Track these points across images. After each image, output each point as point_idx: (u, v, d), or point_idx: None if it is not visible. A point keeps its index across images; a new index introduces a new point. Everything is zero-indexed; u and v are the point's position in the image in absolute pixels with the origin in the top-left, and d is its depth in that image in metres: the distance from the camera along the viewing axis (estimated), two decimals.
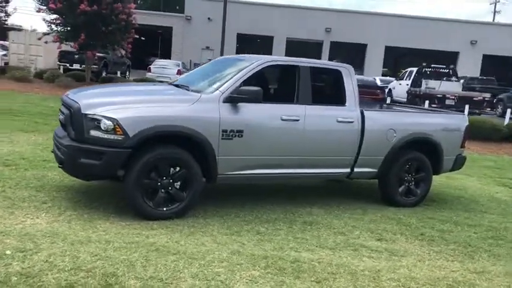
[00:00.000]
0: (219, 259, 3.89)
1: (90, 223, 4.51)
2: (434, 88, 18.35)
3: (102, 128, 4.54)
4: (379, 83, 24.71)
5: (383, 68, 40.61)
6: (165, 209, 4.83)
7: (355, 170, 5.98)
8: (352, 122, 5.75)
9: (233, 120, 5.04)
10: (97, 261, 3.62)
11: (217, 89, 5.10)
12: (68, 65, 22.72)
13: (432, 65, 19.87)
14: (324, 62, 5.94)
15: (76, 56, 21.83)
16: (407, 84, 18.56)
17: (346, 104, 5.82)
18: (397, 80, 21.15)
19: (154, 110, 4.71)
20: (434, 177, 6.77)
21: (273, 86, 6.58)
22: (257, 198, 5.90)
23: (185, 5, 38.14)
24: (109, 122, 4.52)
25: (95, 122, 4.55)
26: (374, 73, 34.83)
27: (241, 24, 36.90)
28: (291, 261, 4.01)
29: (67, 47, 20.00)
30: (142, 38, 37.78)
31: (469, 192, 7.70)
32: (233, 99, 5.04)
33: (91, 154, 4.57)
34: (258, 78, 5.60)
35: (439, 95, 17.49)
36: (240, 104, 5.09)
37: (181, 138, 4.85)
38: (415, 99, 17.14)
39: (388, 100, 19.36)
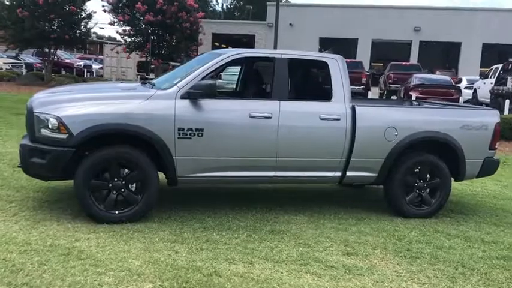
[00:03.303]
0: (122, 268, 3.53)
1: (36, 224, 4.41)
2: None
3: (49, 127, 4.44)
4: (465, 83, 22.54)
5: (481, 67, 37.17)
6: (116, 212, 4.59)
7: (348, 173, 5.26)
8: (338, 119, 5.06)
9: (191, 118, 4.67)
10: None
11: (175, 85, 4.77)
12: (145, 74, 23.88)
13: None
14: (308, 53, 5.32)
15: (152, 66, 22.85)
16: (491, 83, 16.61)
17: (332, 99, 5.14)
18: (481, 78, 19.03)
19: (100, 108, 4.50)
20: (461, 184, 5.76)
21: (244, 80, 6.08)
22: (234, 202, 5.43)
23: (267, 12, 38.36)
24: (54, 121, 4.41)
25: (45, 121, 4.46)
26: (470, 73, 31.95)
27: (323, 28, 36.16)
28: (206, 274, 3.52)
29: (144, 58, 20.93)
30: (223, 46, 38.66)
31: (502, 202, 6.47)
32: (191, 95, 4.67)
33: (38, 153, 4.49)
34: (225, 72, 5.17)
35: None
36: (201, 101, 4.70)
37: (133, 138, 4.59)
38: (497, 100, 15.24)
39: (461, 100, 17.45)
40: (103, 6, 18.84)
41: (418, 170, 5.43)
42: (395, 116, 5.34)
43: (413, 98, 14.96)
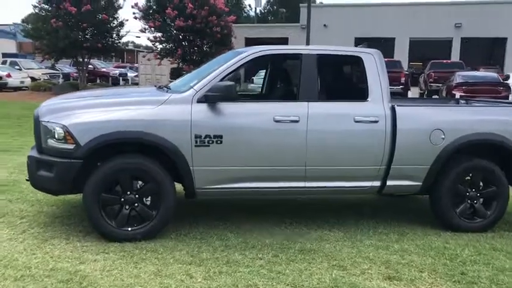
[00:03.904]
0: None
1: (43, 243, 4.04)
2: None
3: (56, 137, 4.07)
4: None
5: None
6: (129, 229, 4.16)
7: (389, 183, 4.64)
8: (376, 121, 4.46)
9: (209, 123, 4.20)
10: None
11: (192, 88, 4.31)
12: None
13: None
14: (340, 48, 4.74)
15: (184, 73, 22.68)
16: None
17: (368, 99, 4.55)
18: None
19: (110, 115, 4.09)
20: None
21: (268, 81, 5.55)
22: (260, 216, 4.91)
23: (300, 14, 37.77)
24: (60, 130, 4.03)
25: (51, 130, 4.09)
26: None
27: (358, 28, 35.20)
28: None
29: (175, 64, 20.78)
30: None
31: None
32: (208, 99, 4.20)
33: (45, 166, 4.14)
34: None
35: None
36: (220, 105, 4.23)
37: (145, 147, 4.16)
38: None
39: (510, 98, 16.23)
40: (134, 13, 18.82)
41: (469, 177, 4.76)
42: (442, 116, 4.68)
43: (457, 97, 14.04)
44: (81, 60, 20.38)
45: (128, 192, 4.15)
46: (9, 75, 22.99)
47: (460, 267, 3.85)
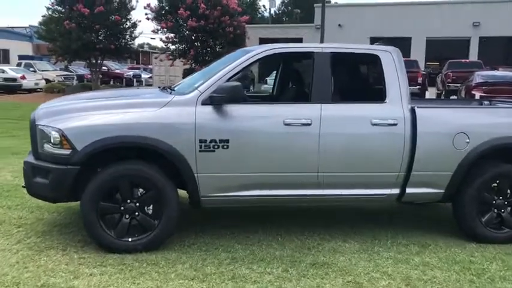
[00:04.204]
0: None
1: (38, 254, 3.81)
2: None
3: (52, 141, 3.83)
4: None
5: None
6: (130, 239, 3.90)
7: (409, 190, 4.31)
8: (395, 124, 4.14)
9: (215, 127, 3.92)
10: None
11: (196, 89, 4.03)
12: None
13: None
14: (355, 46, 4.42)
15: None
16: None
17: (386, 100, 4.22)
18: None
19: (108, 118, 3.84)
20: None
21: (279, 81, 5.24)
22: (270, 226, 4.60)
23: (314, 14, 37.40)
24: (55, 134, 3.79)
25: (47, 134, 3.86)
26: None
27: (374, 27, 34.66)
28: None
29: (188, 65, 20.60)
30: None
31: None
32: (213, 100, 3.92)
33: (41, 172, 3.90)
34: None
35: None
36: (226, 107, 3.95)
37: (146, 152, 3.90)
38: None
39: None
40: (146, 14, 18.68)
41: (496, 184, 4.40)
42: (466, 119, 4.34)
43: (477, 97, 13.55)
44: (94, 61, 20.30)
45: (128, 201, 3.89)
46: (23, 77, 23.09)
47: (489, 284, 3.51)
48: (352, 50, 4.41)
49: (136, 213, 3.90)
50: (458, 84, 18.86)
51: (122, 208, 3.88)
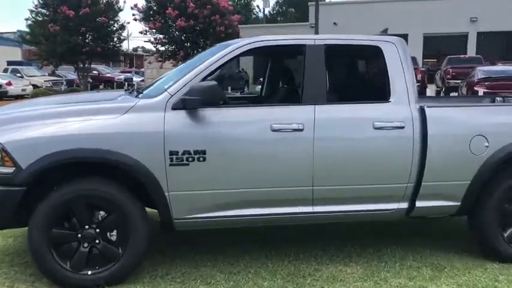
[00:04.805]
0: None
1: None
2: None
3: None
4: None
5: None
6: (89, 272, 3.26)
7: (419, 204, 3.68)
8: (401, 127, 3.51)
9: (188, 135, 3.29)
10: None
11: (166, 91, 3.40)
12: None
13: None
14: (353, 37, 3.80)
15: None
16: None
17: (390, 99, 3.60)
18: None
19: (59, 128, 3.19)
20: None
21: (266, 80, 4.61)
22: (257, 246, 3.96)
23: (309, 13, 36.85)
24: None
25: None
26: None
27: (369, 25, 33.94)
28: None
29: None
30: None
31: None
32: (186, 104, 3.29)
33: None
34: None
35: None
36: (202, 111, 3.32)
37: (106, 167, 3.26)
38: None
39: None
40: (133, 15, 18.03)
41: None
42: (484, 119, 3.71)
43: (480, 93, 12.94)
44: (82, 65, 19.63)
45: (87, 226, 3.25)
46: (9, 83, 22.35)
47: None
48: (350, 41, 3.77)
49: (97, 241, 3.27)
50: (459, 81, 18.27)
51: (79, 235, 3.25)
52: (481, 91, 13.10)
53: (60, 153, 3.11)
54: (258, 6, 66.45)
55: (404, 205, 3.68)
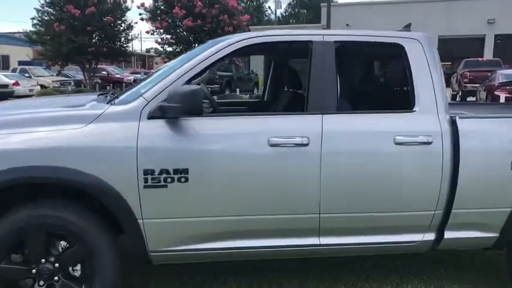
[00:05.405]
0: None
1: None
2: None
3: None
4: None
5: None
6: None
7: (448, 235, 3.05)
8: (428, 142, 2.88)
9: (167, 151, 2.69)
10: None
11: (141, 96, 2.80)
12: None
13: None
14: (370, 33, 3.15)
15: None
16: None
17: (415, 108, 2.96)
18: None
19: (10, 141, 2.61)
20: None
21: (268, 83, 3.99)
22: (249, 282, 3.35)
23: (321, 14, 36.23)
24: None
25: None
26: None
27: (383, 27, 33.25)
28: None
29: None
30: None
31: None
32: (165, 112, 2.69)
33: None
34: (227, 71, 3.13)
35: None
36: (186, 122, 2.72)
37: (66, 189, 2.68)
38: None
39: None
40: (140, 14, 17.54)
41: None
42: None
43: (502, 99, 12.21)
44: (88, 66, 19.17)
45: (43, 260, 2.67)
46: (16, 83, 21.99)
47: None
48: (366, 37, 3.12)
49: (56, 278, 2.68)
50: (477, 85, 17.49)
51: (34, 271, 2.66)
52: (502, 96, 12.36)
53: (9, 171, 2.53)
54: (269, 7, 65.78)
55: (431, 236, 3.05)
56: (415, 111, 2.96)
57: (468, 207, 2.99)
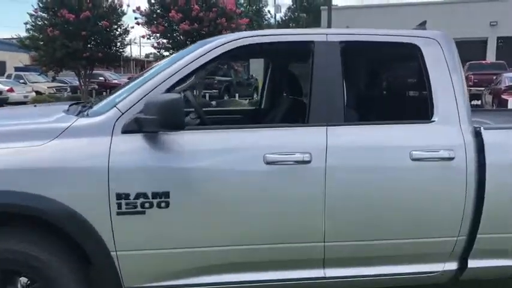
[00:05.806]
0: None
1: None
2: None
3: None
4: None
5: None
6: None
7: (472, 264, 2.65)
8: (450, 158, 2.47)
9: (145, 170, 2.29)
10: None
11: (115, 106, 2.40)
12: None
13: None
14: (380, 32, 2.74)
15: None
16: None
17: (434, 118, 2.56)
18: None
19: None
20: None
21: (265, 90, 3.58)
22: None
23: (321, 18, 35.93)
24: None
25: None
26: None
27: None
28: None
29: None
30: None
31: None
32: (143, 125, 2.28)
33: None
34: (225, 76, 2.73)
35: None
36: (166, 136, 2.31)
37: (27, 218, 2.28)
38: None
39: None
40: (136, 18, 17.16)
41: None
42: None
43: (510, 103, 11.81)
44: (83, 71, 18.76)
45: None
46: (11, 90, 21.63)
47: None
48: (375, 37, 2.71)
49: None
50: (482, 88, 17.10)
51: None
52: (510, 100, 11.97)
53: None
54: (269, 11, 65.54)
55: (452, 266, 2.65)
56: (433, 121, 2.55)
57: (495, 232, 2.59)
